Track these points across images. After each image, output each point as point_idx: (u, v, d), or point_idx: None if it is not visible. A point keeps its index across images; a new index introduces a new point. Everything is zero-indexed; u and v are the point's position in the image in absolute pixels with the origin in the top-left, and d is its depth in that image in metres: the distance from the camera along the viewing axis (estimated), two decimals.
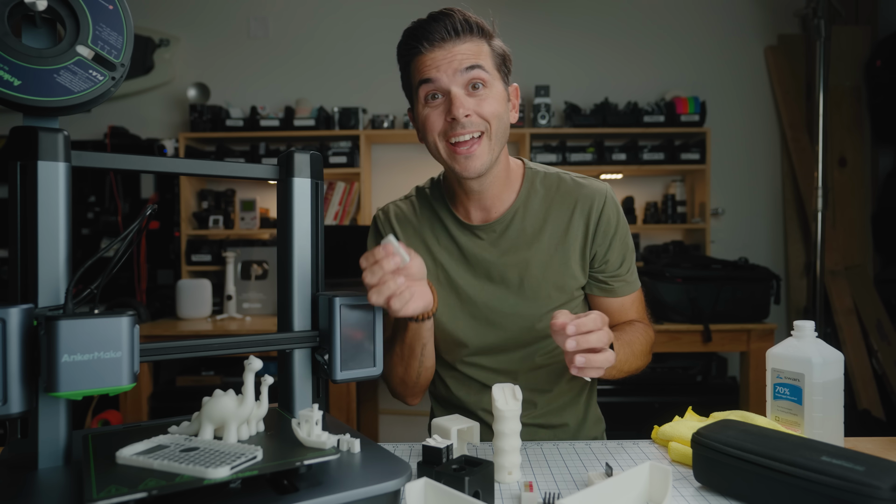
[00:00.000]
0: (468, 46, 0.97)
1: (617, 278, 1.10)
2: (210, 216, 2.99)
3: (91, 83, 0.67)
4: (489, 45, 1.00)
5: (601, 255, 1.07)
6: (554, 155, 2.95)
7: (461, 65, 0.96)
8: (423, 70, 0.97)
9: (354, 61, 3.21)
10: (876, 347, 2.89)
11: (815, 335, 0.91)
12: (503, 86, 1.02)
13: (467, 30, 0.97)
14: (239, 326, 2.61)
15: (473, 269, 1.08)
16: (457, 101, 0.95)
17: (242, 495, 0.60)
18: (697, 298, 2.48)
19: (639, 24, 3.22)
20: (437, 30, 0.96)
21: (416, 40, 0.98)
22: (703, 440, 0.75)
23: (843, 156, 3.13)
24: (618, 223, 1.08)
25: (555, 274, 1.06)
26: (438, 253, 1.10)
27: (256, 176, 0.82)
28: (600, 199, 1.07)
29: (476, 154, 0.97)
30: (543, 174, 1.11)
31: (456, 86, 0.96)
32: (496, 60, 1.00)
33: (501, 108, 1.00)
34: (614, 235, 1.07)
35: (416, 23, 0.99)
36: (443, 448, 0.76)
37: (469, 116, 0.96)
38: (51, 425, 0.67)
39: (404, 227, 1.12)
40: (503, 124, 1.00)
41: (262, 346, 0.78)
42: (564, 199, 1.08)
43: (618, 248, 1.08)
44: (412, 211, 1.13)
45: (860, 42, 3.15)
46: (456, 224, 1.09)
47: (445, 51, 0.96)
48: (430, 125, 0.99)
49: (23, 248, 0.65)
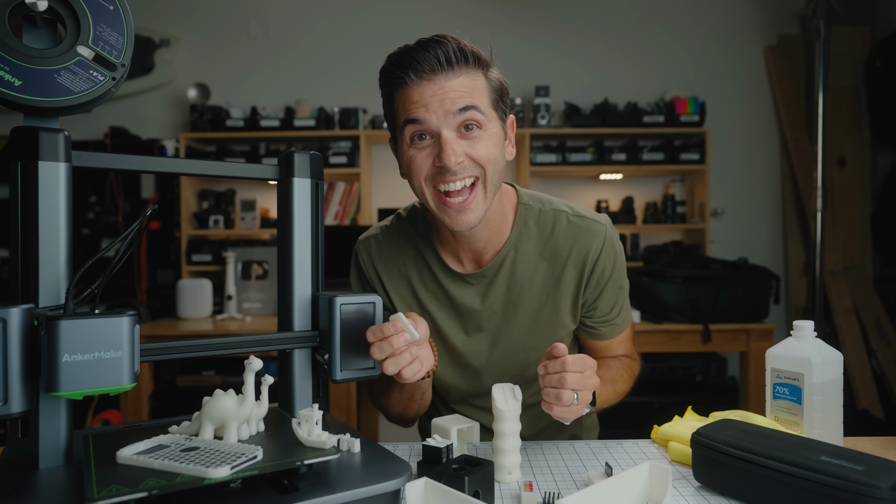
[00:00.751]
0: (462, 82, 0.85)
1: (605, 323, 1.04)
2: (210, 216, 2.99)
3: (92, 83, 0.67)
4: (486, 77, 0.88)
5: (591, 301, 1.01)
6: (554, 155, 2.95)
7: (453, 105, 0.83)
8: (410, 107, 0.85)
9: (354, 61, 3.21)
10: (875, 347, 2.90)
11: (815, 335, 0.91)
12: (500, 124, 0.91)
13: (462, 60, 0.85)
14: (239, 326, 2.61)
15: (462, 320, 1.02)
16: (447, 147, 0.84)
17: (243, 495, 0.60)
18: (697, 298, 2.48)
19: (639, 24, 3.22)
20: (426, 59, 0.83)
21: (403, 70, 0.85)
22: (702, 440, 0.75)
23: (842, 156, 3.13)
24: (613, 269, 0.99)
25: (545, 325, 1.00)
26: (425, 299, 1.02)
27: (257, 176, 0.82)
28: (597, 244, 0.97)
29: (470, 207, 0.87)
30: (538, 211, 1.00)
31: (447, 128, 0.84)
32: (493, 96, 0.89)
33: (497, 150, 0.88)
34: (608, 283, 0.99)
35: (403, 49, 0.86)
36: (443, 448, 0.76)
37: (461, 163, 0.85)
38: (51, 425, 0.67)
39: (388, 268, 1.03)
40: (499, 168, 0.89)
41: (263, 346, 0.78)
42: (558, 244, 0.98)
43: (609, 295, 1.01)
44: (395, 246, 1.04)
45: (859, 42, 3.15)
46: (444, 272, 1.00)
47: (436, 85, 0.84)
48: (416, 169, 0.88)
49: (23, 248, 0.65)
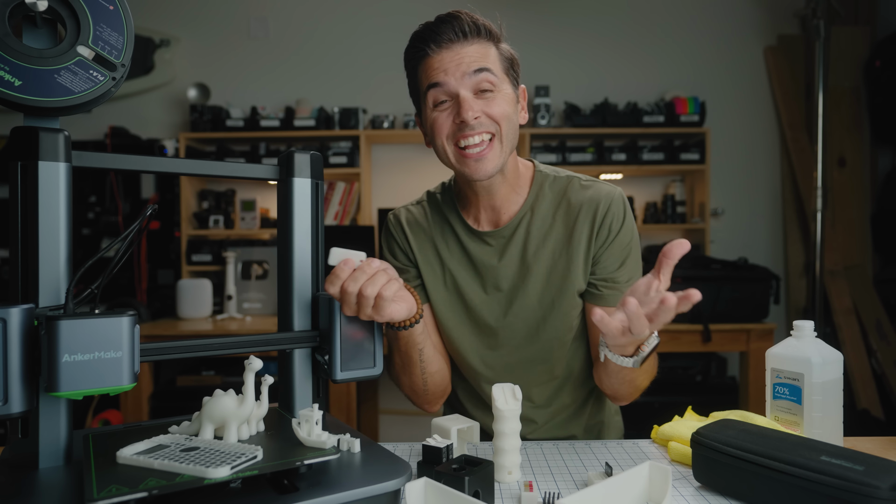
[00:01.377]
0: (475, 49, 0.96)
1: (609, 284, 1.04)
2: (210, 216, 2.99)
3: (92, 83, 0.67)
4: (497, 48, 0.99)
5: (597, 255, 1.04)
6: (554, 155, 2.95)
7: (469, 67, 0.95)
8: (431, 73, 0.97)
9: (354, 61, 3.21)
10: (875, 347, 2.90)
11: (815, 335, 0.91)
12: (512, 88, 1.01)
13: (475, 32, 0.97)
14: (239, 326, 2.61)
15: (481, 278, 1.08)
16: (465, 104, 0.94)
17: (243, 495, 0.60)
18: None
19: (638, 25, 3.22)
20: (444, 31, 0.95)
21: (423, 42, 0.97)
22: (702, 440, 0.75)
23: (842, 156, 3.13)
24: (621, 227, 1.04)
25: (558, 279, 1.04)
26: (448, 260, 1.09)
27: (257, 176, 0.82)
28: (606, 201, 1.04)
29: (487, 157, 0.97)
30: (553, 178, 1.09)
31: (464, 88, 0.95)
32: (504, 64, 1.00)
33: (511, 109, 0.98)
34: (615, 238, 1.04)
35: (423, 25, 0.98)
36: (443, 448, 0.76)
37: (478, 118, 0.95)
38: (51, 425, 0.67)
39: (416, 232, 1.12)
40: (513, 126, 1.00)
41: (263, 346, 0.78)
42: (571, 203, 1.05)
43: (615, 253, 1.04)
44: (423, 216, 1.13)
45: (859, 42, 3.15)
46: (465, 231, 1.09)
47: (453, 52, 0.95)
48: (438, 128, 0.98)
49: (23, 248, 0.65)
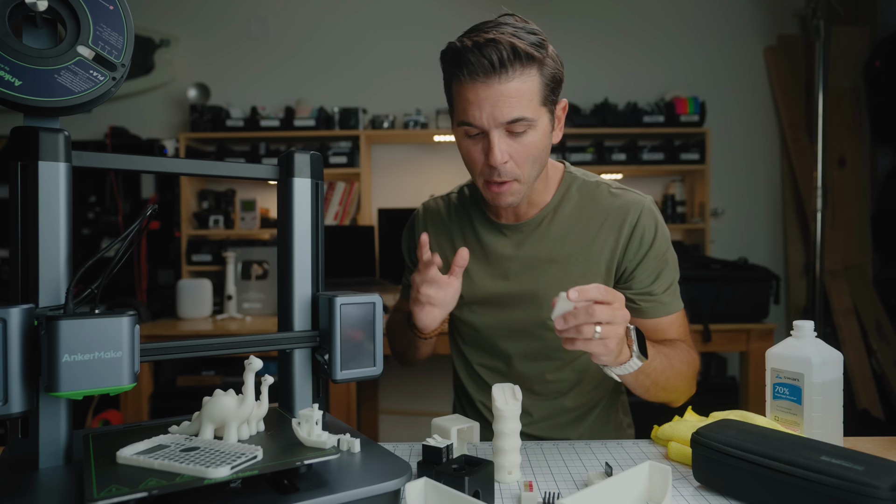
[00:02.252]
0: (514, 86, 0.88)
1: (647, 297, 1.04)
2: (210, 216, 2.99)
3: (92, 83, 0.67)
4: (540, 73, 0.91)
5: (630, 270, 1.03)
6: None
7: (503, 116, 0.89)
8: (464, 107, 0.91)
9: (354, 61, 3.21)
10: (875, 347, 2.90)
11: (815, 335, 0.91)
12: (549, 117, 0.96)
13: (515, 61, 0.88)
14: (239, 326, 2.61)
15: (492, 269, 1.08)
16: (495, 149, 0.90)
17: (242, 495, 0.60)
18: (697, 298, 2.48)
19: (638, 25, 3.22)
20: (480, 64, 0.87)
21: (458, 68, 0.89)
22: (702, 440, 0.75)
23: (842, 156, 3.13)
24: (654, 238, 1.03)
25: (571, 283, 1.01)
26: (459, 245, 1.10)
27: (256, 176, 0.82)
28: (635, 212, 1.02)
29: (507, 192, 0.96)
30: (582, 181, 1.07)
31: (496, 129, 0.91)
32: (544, 92, 0.92)
33: (539, 149, 0.94)
34: (648, 252, 1.02)
35: (460, 46, 0.89)
36: (443, 448, 0.76)
37: (506, 163, 0.92)
38: (51, 425, 0.67)
39: (435, 225, 1.14)
40: (540, 161, 0.97)
41: (263, 346, 0.78)
42: (597, 209, 1.04)
43: (650, 267, 1.03)
44: (447, 209, 1.15)
45: (859, 42, 3.15)
46: (484, 222, 1.09)
47: (490, 89, 0.88)
48: (471, 162, 0.97)
49: (23, 248, 0.65)
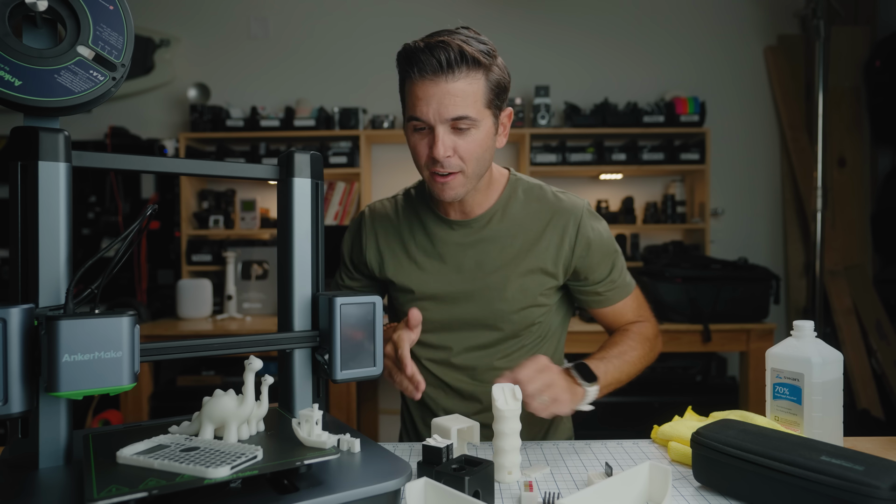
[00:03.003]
0: (460, 86, 0.94)
1: (608, 285, 1.12)
2: (210, 216, 2.99)
3: (92, 83, 0.67)
4: (485, 77, 0.97)
5: (584, 269, 1.10)
6: (554, 155, 2.95)
7: (447, 112, 0.94)
8: (413, 102, 0.97)
9: (354, 61, 3.21)
10: (875, 347, 2.90)
11: (815, 335, 0.91)
12: (492, 120, 1.01)
13: (462, 62, 0.94)
14: (239, 326, 2.61)
15: (444, 265, 1.10)
16: (438, 142, 0.95)
17: (242, 495, 0.60)
18: (697, 298, 2.48)
19: (639, 24, 3.22)
20: (430, 62, 0.93)
21: (410, 66, 0.96)
22: (702, 440, 0.75)
23: (842, 156, 3.13)
24: (599, 236, 1.10)
25: (519, 276, 1.08)
26: (413, 250, 1.12)
27: (257, 176, 0.82)
28: (576, 216, 1.08)
29: (451, 184, 1.00)
30: (526, 184, 1.13)
31: (441, 124, 0.95)
32: (489, 96, 0.98)
33: (482, 147, 0.99)
34: (596, 249, 1.09)
35: (413, 47, 0.96)
36: (443, 448, 0.76)
37: (449, 157, 0.97)
38: (51, 425, 0.67)
39: (384, 226, 1.16)
40: (483, 160, 1.01)
41: (263, 346, 0.78)
42: (542, 207, 1.10)
43: (602, 260, 1.10)
44: (394, 210, 1.16)
45: (859, 42, 3.15)
46: (434, 219, 1.12)
47: (437, 87, 0.94)
48: (417, 154, 1.01)
49: (23, 248, 0.65)
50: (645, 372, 1.13)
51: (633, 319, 1.17)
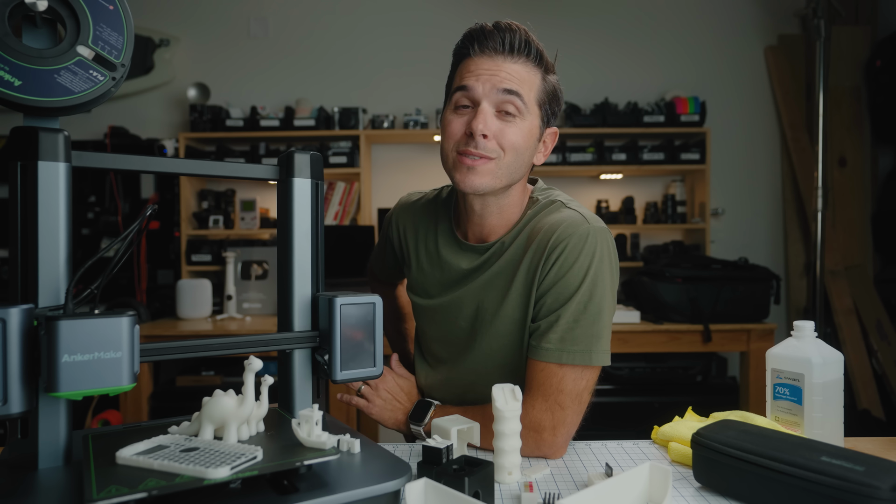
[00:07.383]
0: (518, 69, 0.91)
1: (534, 333, 0.92)
2: (210, 216, 2.99)
3: (91, 83, 0.67)
4: (542, 78, 0.94)
5: (539, 294, 0.93)
6: (554, 155, 2.95)
7: (501, 83, 0.90)
8: (464, 75, 0.93)
9: (354, 61, 3.21)
10: (876, 347, 2.89)
11: (815, 335, 0.91)
12: (539, 123, 0.95)
13: (524, 51, 0.91)
14: (239, 326, 2.61)
15: (444, 275, 1.06)
16: (480, 115, 0.89)
17: (242, 495, 0.60)
18: (697, 298, 2.48)
19: (639, 24, 3.22)
20: (493, 38, 0.91)
21: (470, 42, 0.93)
22: (702, 440, 0.75)
23: (842, 156, 3.13)
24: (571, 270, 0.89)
25: (496, 308, 0.98)
26: (422, 256, 1.10)
27: (256, 176, 0.82)
28: (565, 235, 0.90)
29: (479, 171, 0.91)
30: (540, 205, 1.01)
31: (487, 101, 0.90)
32: (541, 96, 0.94)
33: (524, 142, 0.92)
34: (559, 282, 0.90)
35: (478, 25, 0.94)
36: (443, 448, 0.76)
37: (486, 138, 0.90)
38: (51, 425, 0.67)
39: (404, 221, 1.15)
40: (520, 159, 0.93)
41: (262, 346, 0.78)
42: (530, 233, 0.97)
43: (552, 300, 0.90)
44: (421, 209, 1.13)
45: (860, 42, 3.15)
46: (447, 235, 1.07)
47: (493, 63, 0.91)
48: (450, 132, 0.93)
49: (23, 248, 0.65)
50: (645, 372, 1.13)
51: (532, 401, 0.89)
